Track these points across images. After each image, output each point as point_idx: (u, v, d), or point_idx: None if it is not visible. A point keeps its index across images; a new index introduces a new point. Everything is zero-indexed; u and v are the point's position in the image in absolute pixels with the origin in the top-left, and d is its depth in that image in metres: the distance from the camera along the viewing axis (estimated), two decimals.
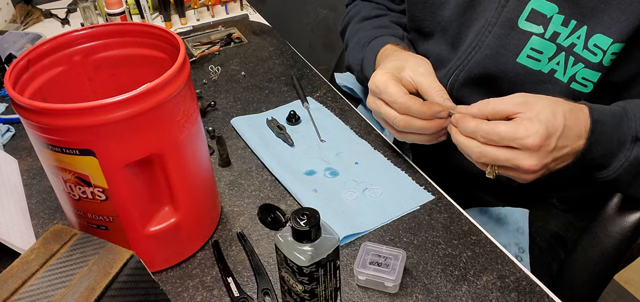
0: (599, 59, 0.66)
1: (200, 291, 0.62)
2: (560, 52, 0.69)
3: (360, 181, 0.76)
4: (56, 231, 0.52)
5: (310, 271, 0.50)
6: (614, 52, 0.65)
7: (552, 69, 0.71)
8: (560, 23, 0.68)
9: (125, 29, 0.66)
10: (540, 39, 0.70)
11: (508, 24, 0.72)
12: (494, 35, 0.74)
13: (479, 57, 0.76)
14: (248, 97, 0.99)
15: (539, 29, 0.70)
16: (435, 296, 0.60)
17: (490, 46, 0.74)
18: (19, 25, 1.34)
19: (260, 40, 1.22)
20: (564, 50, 0.69)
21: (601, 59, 0.66)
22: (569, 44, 0.68)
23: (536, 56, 0.71)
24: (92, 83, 0.68)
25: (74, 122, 0.49)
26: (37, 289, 0.46)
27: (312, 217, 0.50)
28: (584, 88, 0.69)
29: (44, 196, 0.77)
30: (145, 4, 1.31)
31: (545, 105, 0.60)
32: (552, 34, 0.69)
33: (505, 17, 0.72)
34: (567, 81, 0.70)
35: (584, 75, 0.68)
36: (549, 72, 0.71)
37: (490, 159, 0.62)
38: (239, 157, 0.83)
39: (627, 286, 1.65)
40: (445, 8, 0.81)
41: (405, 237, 0.68)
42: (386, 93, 0.70)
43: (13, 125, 0.93)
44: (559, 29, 0.68)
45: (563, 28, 0.68)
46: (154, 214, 0.61)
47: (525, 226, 0.81)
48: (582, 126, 0.62)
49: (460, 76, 0.78)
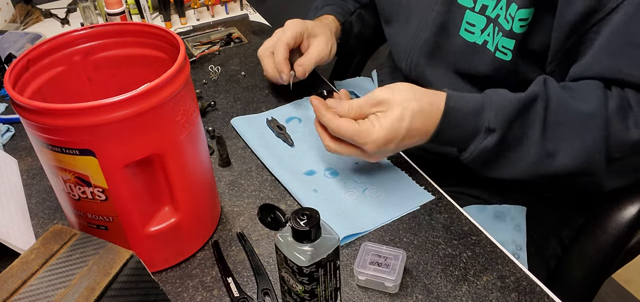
0: (510, 26, 0.71)
1: (200, 291, 0.62)
2: (490, 24, 0.75)
3: (360, 181, 0.76)
4: (56, 231, 0.52)
5: (310, 271, 0.50)
6: (522, 18, 0.69)
7: (484, 40, 0.76)
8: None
9: (125, 29, 0.66)
10: (472, 13, 0.76)
11: (448, 1, 0.79)
12: (437, 12, 0.80)
13: (427, 35, 0.83)
14: (248, 97, 0.99)
15: (469, 2, 0.76)
16: (436, 296, 0.60)
17: (435, 24, 0.81)
18: (19, 25, 1.34)
19: (260, 40, 1.22)
20: (492, 21, 0.74)
21: (511, 26, 0.71)
22: (495, 15, 0.74)
23: (470, 29, 0.77)
24: (92, 83, 0.68)
25: (73, 122, 0.49)
26: (37, 289, 0.46)
27: (312, 217, 0.50)
28: (505, 56, 0.74)
29: (44, 196, 0.77)
30: (145, 4, 1.31)
31: (397, 108, 0.65)
32: (481, 6, 0.75)
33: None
34: (493, 50, 0.75)
35: (503, 43, 0.73)
36: (482, 43, 0.76)
37: (334, 150, 0.70)
38: (239, 157, 0.83)
39: (627, 286, 1.65)
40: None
41: (405, 237, 0.68)
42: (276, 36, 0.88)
43: (13, 125, 0.93)
44: (486, 1, 0.74)
45: (489, 0, 0.74)
46: (154, 214, 0.61)
47: (522, 223, 0.81)
48: (431, 123, 0.66)
49: (415, 57, 0.85)
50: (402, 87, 0.67)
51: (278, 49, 0.86)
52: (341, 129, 0.66)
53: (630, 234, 0.72)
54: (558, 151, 0.65)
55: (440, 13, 0.79)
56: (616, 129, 0.63)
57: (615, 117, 0.63)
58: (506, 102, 0.65)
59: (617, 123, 0.63)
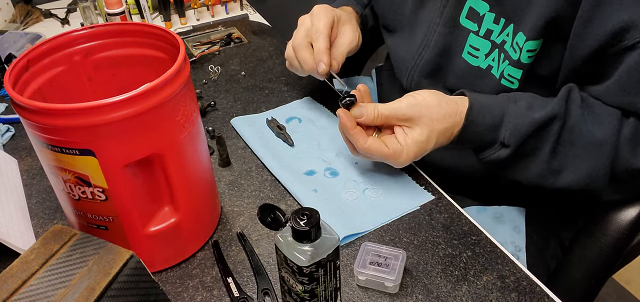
0: (518, 57, 0.69)
1: (200, 291, 0.62)
2: (495, 49, 0.73)
3: (360, 181, 0.76)
4: (56, 231, 0.52)
5: (310, 271, 0.50)
6: (531, 49, 0.68)
7: (489, 65, 0.74)
8: (492, 21, 0.72)
9: (125, 29, 0.66)
10: (475, 36, 0.74)
11: (451, 22, 0.76)
12: (439, 34, 0.78)
13: (429, 56, 0.80)
14: (248, 97, 0.99)
15: (474, 26, 0.74)
16: (436, 296, 0.60)
17: (438, 45, 0.79)
18: (19, 25, 1.34)
19: (260, 40, 1.22)
20: (497, 47, 0.72)
21: (519, 57, 0.69)
22: (500, 41, 0.72)
23: (474, 52, 0.75)
24: (92, 83, 0.68)
25: (74, 122, 0.49)
26: (37, 289, 0.46)
27: (312, 217, 0.50)
28: (511, 84, 0.72)
29: (44, 196, 0.77)
30: (145, 4, 1.31)
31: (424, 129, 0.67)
32: (486, 31, 0.73)
33: (448, 16, 0.76)
34: (499, 77, 0.73)
35: (509, 72, 0.72)
36: (486, 67, 0.75)
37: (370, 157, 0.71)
38: (239, 157, 0.83)
39: (627, 286, 1.65)
40: (405, 6, 0.86)
41: (405, 237, 0.68)
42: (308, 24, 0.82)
43: (13, 125, 0.93)
44: (491, 26, 0.72)
45: (495, 26, 0.72)
46: (154, 214, 0.61)
47: (522, 224, 0.81)
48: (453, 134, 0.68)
49: (416, 75, 0.83)
50: (428, 102, 0.67)
51: (319, 39, 0.79)
52: (371, 150, 0.68)
53: (630, 236, 0.72)
54: (564, 169, 0.68)
55: (442, 34, 0.78)
56: (625, 157, 0.65)
57: (626, 145, 0.65)
58: (523, 122, 0.66)
59: (627, 151, 0.65)
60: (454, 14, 0.75)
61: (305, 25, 0.81)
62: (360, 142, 0.68)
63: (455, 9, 0.75)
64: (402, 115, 0.67)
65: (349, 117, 0.69)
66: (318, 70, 0.78)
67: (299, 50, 0.80)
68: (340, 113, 0.69)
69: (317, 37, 0.79)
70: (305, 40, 0.80)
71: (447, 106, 0.67)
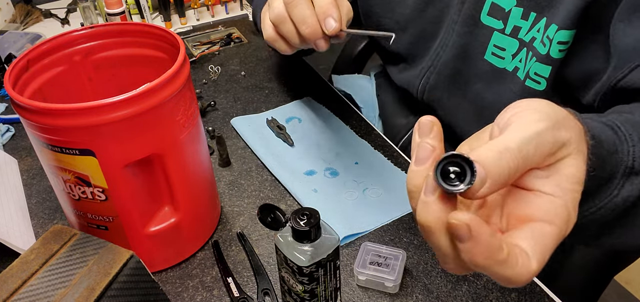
0: (547, 50, 0.60)
1: (200, 291, 0.62)
2: (523, 49, 0.64)
3: (360, 181, 0.76)
4: (56, 231, 0.52)
5: (310, 271, 0.50)
6: (562, 41, 0.58)
7: (515, 67, 0.66)
8: (520, 16, 0.63)
9: (125, 29, 0.66)
10: (501, 35, 0.65)
11: (471, 20, 0.68)
12: (457, 34, 0.70)
13: (447, 58, 0.73)
14: (248, 97, 0.99)
15: (499, 24, 0.65)
16: (436, 296, 0.60)
17: (456, 46, 0.71)
18: (19, 25, 1.34)
19: (260, 40, 1.22)
20: (526, 45, 0.63)
21: (549, 49, 0.59)
22: (529, 38, 0.63)
23: (499, 53, 0.66)
24: (92, 83, 0.68)
25: (74, 122, 0.49)
26: (37, 289, 0.46)
27: (312, 217, 0.50)
28: (538, 85, 0.63)
29: (44, 196, 0.77)
30: (145, 4, 1.31)
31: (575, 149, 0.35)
32: (513, 28, 0.64)
33: (467, 13, 0.68)
34: (523, 78, 0.64)
35: (536, 69, 0.62)
36: (513, 69, 0.66)
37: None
38: (239, 157, 0.83)
39: (627, 286, 1.65)
40: (404, 5, 0.78)
41: (405, 237, 0.68)
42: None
43: (13, 125, 0.93)
44: (519, 22, 0.63)
45: (523, 22, 0.63)
46: (154, 214, 0.61)
47: None
48: None
49: (431, 78, 0.76)
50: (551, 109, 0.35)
51: None
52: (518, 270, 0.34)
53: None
54: None
55: (461, 34, 0.69)
56: None
57: None
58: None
59: None
60: (473, 11, 0.67)
61: None
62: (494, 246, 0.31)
63: (475, 5, 0.67)
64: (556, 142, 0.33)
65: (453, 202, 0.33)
66: (326, 29, 0.57)
67: (294, 5, 0.58)
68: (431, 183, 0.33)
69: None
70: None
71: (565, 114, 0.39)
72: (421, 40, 0.78)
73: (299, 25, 0.58)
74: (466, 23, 0.69)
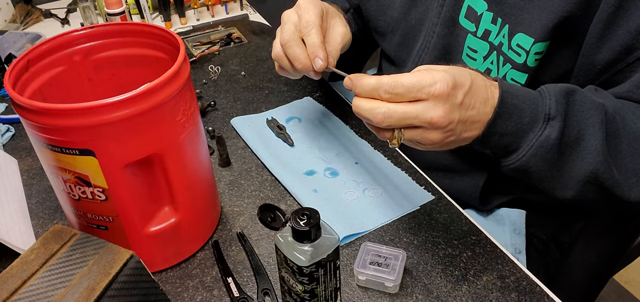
0: (523, 60, 0.65)
1: (200, 291, 0.62)
2: (493, 52, 0.68)
3: (360, 181, 0.76)
4: (56, 231, 0.52)
5: (310, 271, 0.50)
6: (538, 52, 0.63)
7: (487, 69, 0.69)
8: (490, 21, 0.67)
9: (125, 29, 0.66)
10: (474, 37, 0.69)
11: (450, 22, 0.72)
12: (438, 35, 0.74)
13: (430, 59, 0.76)
14: (248, 97, 0.99)
15: (472, 26, 0.69)
16: (436, 296, 0.60)
17: (437, 47, 0.75)
18: (19, 25, 1.34)
19: (260, 40, 1.22)
20: (495, 49, 0.67)
21: (525, 60, 0.64)
22: (498, 43, 0.67)
23: (472, 55, 0.70)
24: (92, 83, 0.68)
25: (73, 122, 0.49)
26: (37, 289, 0.46)
27: (312, 217, 0.50)
28: None
29: (44, 196, 0.77)
30: (145, 4, 1.31)
31: (451, 67, 0.54)
32: (484, 32, 0.68)
33: (446, 15, 0.72)
34: None
35: (512, 76, 0.67)
36: (485, 71, 0.69)
37: (398, 118, 0.52)
38: (239, 157, 0.83)
39: (627, 286, 1.65)
40: (393, 7, 0.82)
41: (405, 237, 0.68)
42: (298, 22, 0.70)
43: (13, 125, 0.93)
44: (489, 26, 0.67)
45: (493, 26, 0.67)
46: (154, 214, 0.61)
47: (522, 227, 0.81)
48: (490, 92, 0.55)
49: None
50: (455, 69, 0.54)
51: (311, 33, 0.68)
52: (401, 78, 0.52)
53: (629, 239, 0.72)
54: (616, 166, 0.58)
55: (441, 35, 0.73)
56: None
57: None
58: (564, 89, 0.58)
59: None
60: (452, 13, 0.72)
61: (292, 19, 0.71)
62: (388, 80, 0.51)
63: (453, 7, 0.71)
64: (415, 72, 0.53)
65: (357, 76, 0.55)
66: (314, 67, 0.68)
67: (289, 47, 0.69)
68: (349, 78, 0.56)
69: (309, 31, 0.68)
70: (296, 36, 0.69)
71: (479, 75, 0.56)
72: (406, 42, 0.82)
73: (294, 62, 0.70)
74: (446, 25, 0.73)
